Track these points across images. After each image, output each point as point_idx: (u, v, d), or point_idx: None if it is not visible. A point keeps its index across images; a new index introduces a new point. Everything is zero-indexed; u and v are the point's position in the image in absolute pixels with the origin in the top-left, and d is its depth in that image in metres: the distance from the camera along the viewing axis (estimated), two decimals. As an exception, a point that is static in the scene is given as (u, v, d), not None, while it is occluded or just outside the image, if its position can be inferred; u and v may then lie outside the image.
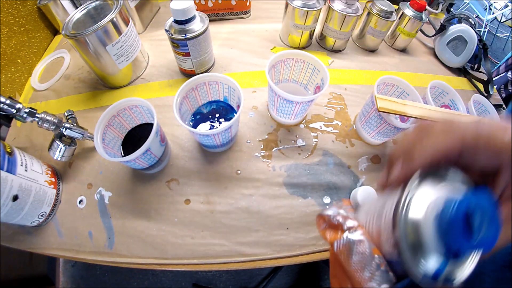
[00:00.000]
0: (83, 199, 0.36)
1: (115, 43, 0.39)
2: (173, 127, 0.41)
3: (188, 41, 0.39)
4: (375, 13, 0.49)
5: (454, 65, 0.57)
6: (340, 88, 0.48)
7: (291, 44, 0.53)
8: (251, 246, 0.33)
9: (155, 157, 0.33)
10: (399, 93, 0.40)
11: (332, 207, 0.20)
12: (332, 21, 0.48)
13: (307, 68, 0.39)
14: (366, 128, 0.39)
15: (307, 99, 0.33)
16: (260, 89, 0.45)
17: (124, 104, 0.33)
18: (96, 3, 0.41)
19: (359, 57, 0.54)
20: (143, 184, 0.36)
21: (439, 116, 0.34)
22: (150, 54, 0.50)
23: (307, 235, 0.34)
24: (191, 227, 0.34)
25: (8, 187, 0.28)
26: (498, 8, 1.84)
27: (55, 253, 0.34)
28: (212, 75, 0.35)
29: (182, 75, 0.47)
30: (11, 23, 0.45)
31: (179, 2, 0.37)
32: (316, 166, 0.38)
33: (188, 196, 0.36)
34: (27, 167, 0.31)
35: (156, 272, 0.92)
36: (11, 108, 0.31)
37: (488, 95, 0.55)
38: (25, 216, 0.31)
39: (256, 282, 0.92)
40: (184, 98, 0.34)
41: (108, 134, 0.33)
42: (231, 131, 0.33)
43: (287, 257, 0.33)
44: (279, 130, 0.41)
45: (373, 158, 0.40)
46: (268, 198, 0.36)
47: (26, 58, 0.49)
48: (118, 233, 0.34)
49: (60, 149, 0.34)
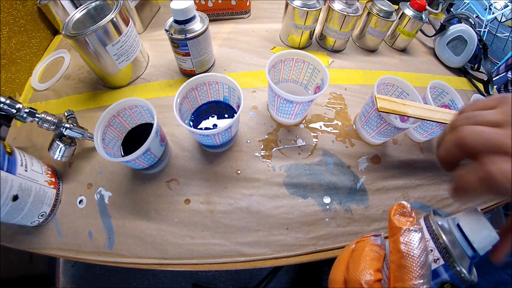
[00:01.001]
0: (83, 199, 0.36)
1: (115, 43, 0.39)
2: (173, 127, 0.41)
3: (188, 41, 0.39)
4: (375, 13, 0.49)
5: (454, 65, 0.57)
6: (340, 88, 0.48)
7: (291, 44, 0.53)
8: (251, 246, 0.33)
9: (155, 157, 0.33)
10: (399, 93, 0.40)
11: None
12: (332, 21, 0.48)
13: (307, 68, 0.39)
14: (366, 128, 0.40)
15: (307, 99, 0.33)
16: (260, 89, 0.46)
17: (124, 104, 0.33)
18: (96, 3, 0.41)
19: (359, 57, 0.54)
20: (143, 184, 0.36)
21: (439, 116, 0.34)
22: (150, 54, 0.50)
23: (307, 235, 0.34)
24: (191, 227, 0.34)
25: (8, 187, 0.28)
26: (498, 8, 1.84)
27: (55, 253, 0.34)
28: (212, 75, 0.35)
29: (182, 75, 0.47)
30: (11, 23, 0.45)
31: (179, 2, 0.37)
32: (316, 166, 0.38)
33: (188, 196, 0.36)
34: (27, 167, 0.31)
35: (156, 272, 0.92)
36: (11, 108, 0.31)
37: (488, 95, 0.55)
38: (25, 216, 0.31)
39: (256, 282, 0.92)
40: (184, 98, 0.34)
41: (108, 134, 0.33)
42: (231, 131, 0.33)
43: (287, 257, 0.33)
44: (279, 130, 0.41)
45: (373, 158, 0.40)
46: (268, 198, 0.36)
47: (26, 58, 0.49)
48: (118, 233, 0.34)
49: (60, 149, 0.34)
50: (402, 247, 0.17)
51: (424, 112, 0.34)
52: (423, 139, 0.43)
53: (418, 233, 0.17)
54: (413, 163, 0.42)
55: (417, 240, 0.17)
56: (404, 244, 0.17)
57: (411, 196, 0.39)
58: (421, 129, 0.41)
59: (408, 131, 0.44)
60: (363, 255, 0.19)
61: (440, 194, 0.40)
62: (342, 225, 0.35)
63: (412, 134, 0.44)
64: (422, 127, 0.41)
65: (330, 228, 0.35)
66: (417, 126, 0.41)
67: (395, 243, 0.17)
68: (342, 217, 0.36)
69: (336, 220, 0.35)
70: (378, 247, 0.20)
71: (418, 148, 0.43)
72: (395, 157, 0.41)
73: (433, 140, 0.45)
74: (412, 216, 0.18)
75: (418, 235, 0.17)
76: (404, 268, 0.16)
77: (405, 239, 0.17)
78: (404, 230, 0.17)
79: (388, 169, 0.40)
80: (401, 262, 0.16)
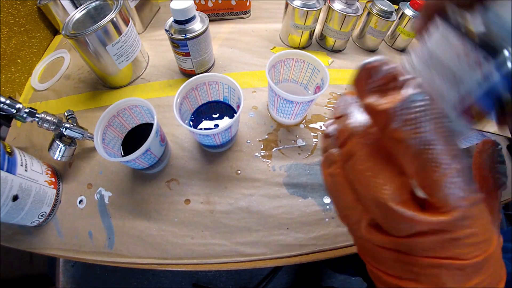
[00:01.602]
0: (83, 199, 0.36)
1: (115, 43, 0.39)
2: (173, 127, 0.41)
3: (188, 41, 0.39)
4: (375, 13, 0.49)
5: (454, 65, 0.57)
6: (340, 88, 0.48)
7: (291, 44, 0.53)
8: (251, 246, 0.33)
9: (155, 157, 0.33)
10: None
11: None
12: (332, 21, 0.48)
13: (307, 68, 0.39)
14: (366, 128, 0.39)
15: (307, 99, 0.33)
16: (260, 89, 0.46)
17: (124, 104, 0.33)
18: (96, 3, 0.41)
19: (359, 57, 0.54)
20: (143, 184, 0.36)
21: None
22: (150, 54, 0.50)
23: (307, 235, 0.34)
24: (191, 227, 0.34)
25: (8, 187, 0.28)
26: (498, 8, 1.84)
27: (55, 253, 0.34)
28: (212, 75, 0.35)
29: (182, 75, 0.47)
30: (11, 23, 0.45)
31: (179, 2, 0.37)
32: (316, 166, 0.38)
33: (188, 196, 0.36)
34: (27, 167, 0.31)
35: (156, 272, 0.92)
36: (11, 108, 0.32)
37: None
38: (25, 216, 0.31)
39: (256, 282, 0.92)
40: (184, 98, 0.34)
41: (108, 134, 0.33)
42: (231, 131, 0.33)
43: (287, 257, 0.33)
44: (279, 130, 0.41)
45: (373, 158, 0.40)
46: (268, 198, 0.36)
47: (26, 58, 0.49)
48: (118, 233, 0.34)
49: (60, 149, 0.34)
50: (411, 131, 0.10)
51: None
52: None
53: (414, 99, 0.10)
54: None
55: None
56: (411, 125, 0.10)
57: (411, 196, 0.39)
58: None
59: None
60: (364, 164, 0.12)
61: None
62: (342, 225, 0.35)
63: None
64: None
65: (330, 228, 0.35)
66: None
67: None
68: (342, 217, 0.36)
69: (336, 220, 0.35)
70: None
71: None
72: (395, 157, 0.41)
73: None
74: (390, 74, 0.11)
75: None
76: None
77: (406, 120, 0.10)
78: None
79: (388, 169, 0.40)
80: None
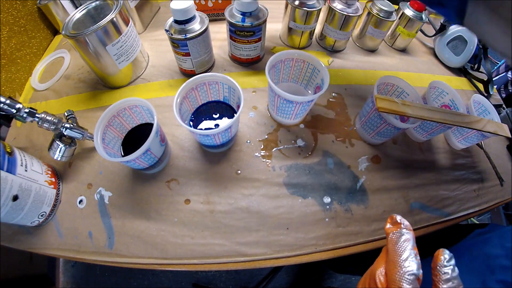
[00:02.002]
0: (83, 199, 0.36)
1: (115, 43, 0.39)
2: (173, 127, 0.41)
3: (188, 41, 0.39)
4: (375, 13, 0.49)
5: (454, 65, 0.57)
6: (340, 88, 0.48)
7: (291, 44, 0.53)
8: (251, 246, 0.33)
9: (155, 157, 0.33)
10: (399, 93, 0.40)
11: None
12: (332, 21, 0.48)
13: (307, 68, 0.39)
14: (366, 128, 0.40)
15: (307, 99, 0.33)
16: (260, 89, 0.46)
17: (124, 104, 0.33)
18: (96, 3, 0.41)
19: (359, 57, 0.54)
20: (143, 184, 0.36)
21: (439, 116, 0.34)
22: (150, 54, 0.50)
23: (307, 235, 0.34)
24: (191, 227, 0.34)
25: (8, 187, 0.28)
26: (498, 8, 1.84)
27: (55, 253, 0.34)
28: (212, 75, 0.35)
29: (182, 75, 0.47)
30: (11, 23, 0.45)
31: (179, 2, 0.37)
32: (316, 166, 0.38)
33: (188, 196, 0.36)
34: (27, 167, 0.31)
35: (156, 272, 0.92)
36: (11, 108, 0.31)
37: (488, 95, 0.55)
38: (25, 216, 0.31)
39: (256, 282, 0.92)
40: (184, 98, 0.34)
41: (108, 134, 0.33)
42: (231, 131, 0.33)
43: (287, 257, 0.33)
44: (279, 130, 0.41)
45: (373, 158, 0.40)
46: (268, 198, 0.36)
47: (26, 58, 0.49)
48: (118, 233, 0.34)
49: (60, 149, 0.34)
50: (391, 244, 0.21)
51: (424, 112, 0.34)
52: (423, 139, 0.43)
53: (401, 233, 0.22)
54: (413, 163, 0.42)
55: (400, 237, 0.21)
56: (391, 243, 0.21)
57: (411, 196, 0.39)
58: (421, 129, 0.41)
59: (408, 131, 0.44)
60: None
61: (440, 194, 0.40)
62: (342, 225, 0.35)
63: (412, 134, 0.44)
64: (422, 127, 0.41)
65: (330, 228, 0.35)
66: (417, 126, 0.41)
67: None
68: (342, 217, 0.36)
69: (336, 220, 0.35)
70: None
71: (418, 148, 0.44)
72: (395, 157, 0.41)
73: (433, 140, 0.45)
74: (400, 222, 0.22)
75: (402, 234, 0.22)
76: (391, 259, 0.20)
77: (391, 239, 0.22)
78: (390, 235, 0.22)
79: (388, 169, 0.40)
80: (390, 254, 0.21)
